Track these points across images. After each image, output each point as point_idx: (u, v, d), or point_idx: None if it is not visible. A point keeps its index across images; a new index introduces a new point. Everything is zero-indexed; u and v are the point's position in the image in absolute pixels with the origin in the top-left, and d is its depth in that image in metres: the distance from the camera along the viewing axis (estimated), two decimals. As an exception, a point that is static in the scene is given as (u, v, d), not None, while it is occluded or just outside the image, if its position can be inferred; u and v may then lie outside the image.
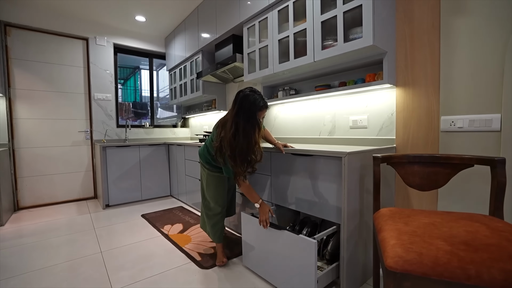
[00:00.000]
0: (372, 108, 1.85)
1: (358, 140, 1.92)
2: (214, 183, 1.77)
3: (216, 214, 1.82)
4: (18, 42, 3.14)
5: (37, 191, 3.30)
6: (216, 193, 1.78)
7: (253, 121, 1.45)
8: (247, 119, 1.44)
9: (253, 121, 1.45)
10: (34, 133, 3.26)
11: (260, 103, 1.47)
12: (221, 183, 1.79)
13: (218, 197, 1.79)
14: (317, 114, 2.23)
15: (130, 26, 3.74)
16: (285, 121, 2.53)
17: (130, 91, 7.09)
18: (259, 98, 1.48)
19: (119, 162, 3.28)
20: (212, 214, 1.82)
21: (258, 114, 1.49)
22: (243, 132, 1.44)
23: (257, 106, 1.46)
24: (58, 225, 2.59)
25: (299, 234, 1.38)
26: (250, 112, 1.45)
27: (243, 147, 1.44)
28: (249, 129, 1.44)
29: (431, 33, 1.54)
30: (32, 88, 3.23)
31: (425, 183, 1.36)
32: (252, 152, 1.49)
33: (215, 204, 1.79)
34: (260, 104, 1.47)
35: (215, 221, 1.82)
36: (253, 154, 1.50)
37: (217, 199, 1.79)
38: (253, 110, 1.45)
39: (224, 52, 2.81)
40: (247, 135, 1.45)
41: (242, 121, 1.44)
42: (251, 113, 1.45)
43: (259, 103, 1.47)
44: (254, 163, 1.54)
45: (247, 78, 2.44)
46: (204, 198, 1.86)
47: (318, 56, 1.76)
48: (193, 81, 3.41)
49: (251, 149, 1.48)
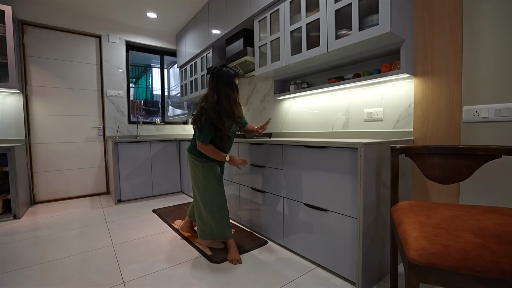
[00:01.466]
0: (388, 100, 1.78)
1: (374, 134, 1.85)
2: (211, 173, 1.78)
3: (221, 208, 1.78)
4: (34, 40, 3.22)
5: (52, 186, 3.37)
6: (215, 184, 1.78)
7: (232, 84, 1.70)
8: (226, 84, 1.68)
9: (231, 84, 1.70)
10: (49, 129, 3.34)
11: (232, 71, 1.73)
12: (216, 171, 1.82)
13: (219, 187, 1.80)
14: (330, 107, 2.17)
15: (141, 23, 3.77)
16: (297, 116, 2.48)
17: (141, 89, 7.18)
18: (230, 69, 1.75)
19: (131, 158, 3.31)
20: (216, 209, 1.77)
21: (234, 79, 1.73)
22: (225, 95, 1.68)
23: (232, 73, 1.72)
24: (72, 219, 2.63)
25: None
26: (228, 79, 1.69)
27: (226, 107, 1.67)
28: (229, 91, 1.69)
29: (452, 18, 1.46)
30: (47, 85, 3.30)
31: (446, 176, 1.29)
32: (235, 108, 1.73)
33: (216, 196, 1.78)
34: (233, 72, 1.74)
35: (221, 216, 1.78)
36: (236, 110, 1.74)
37: (219, 190, 1.79)
38: (230, 76, 1.70)
39: (235, 46, 2.78)
40: (228, 96, 1.69)
41: (223, 87, 1.68)
42: (229, 79, 1.70)
43: (232, 71, 1.73)
44: (237, 118, 1.76)
45: (258, 72, 2.40)
46: (202, 196, 1.79)
47: (332, 46, 1.70)
48: (203, 77, 3.40)
49: (234, 106, 1.72)
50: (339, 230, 1.47)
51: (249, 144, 2.16)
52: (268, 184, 1.98)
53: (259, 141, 2.00)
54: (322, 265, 1.61)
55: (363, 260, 1.35)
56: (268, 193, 1.99)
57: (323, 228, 1.56)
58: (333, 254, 1.52)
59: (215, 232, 1.78)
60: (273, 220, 1.96)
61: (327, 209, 1.53)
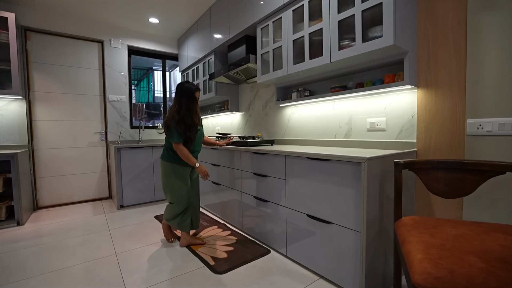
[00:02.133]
0: (391, 110, 1.78)
1: (376, 143, 1.85)
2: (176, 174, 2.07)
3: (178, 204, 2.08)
4: (37, 46, 3.23)
5: (55, 191, 3.38)
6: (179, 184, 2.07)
7: (193, 98, 2.00)
8: (187, 97, 1.98)
9: (192, 98, 2.00)
10: (51, 135, 3.35)
11: (193, 86, 2.02)
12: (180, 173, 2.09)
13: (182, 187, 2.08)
14: (332, 115, 2.17)
15: (143, 28, 3.78)
16: (299, 123, 2.48)
17: (143, 92, 7.21)
18: (192, 85, 2.03)
19: (133, 163, 3.32)
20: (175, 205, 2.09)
21: (196, 94, 2.02)
22: (186, 107, 1.97)
23: (193, 88, 2.01)
24: (75, 226, 2.64)
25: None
26: (189, 93, 1.99)
27: (186, 117, 1.96)
28: (190, 103, 1.99)
29: (456, 31, 1.46)
30: (49, 90, 3.32)
31: (450, 190, 1.29)
32: (194, 118, 2.00)
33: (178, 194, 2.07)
34: (194, 87, 2.02)
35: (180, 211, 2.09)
36: (196, 119, 2.02)
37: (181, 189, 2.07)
38: (191, 91, 2.00)
39: (237, 53, 2.79)
40: (189, 107, 1.98)
41: (185, 100, 1.98)
42: (190, 93, 1.99)
43: (193, 86, 2.02)
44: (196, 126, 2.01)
45: (260, 80, 2.41)
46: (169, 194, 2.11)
47: (335, 56, 1.70)
48: (205, 82, 3.41)
49: (193, 116, 1.99)
50: (342, 242, 1.47)
51: (252, 153, 2.16)
52: (271, 193, 1.98)
53: (262, 151, 2.00)
54: (325, 277, 1.61)
55: (366, 272, 1.35)
56: (270, 203, 2.00)
57: (326, 240, 1.56)
58: (336, 265, 1.52)
59: (187, 225, 2.11)
60: (276, 229, 1.97)
61: (331, 222, 1.53)
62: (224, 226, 2.52)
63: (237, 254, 1.93)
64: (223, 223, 2.61)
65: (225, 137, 2.80)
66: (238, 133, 3.38)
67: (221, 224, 2.57)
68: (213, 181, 2.81)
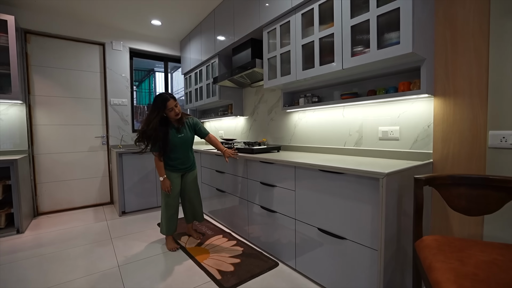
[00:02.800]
0: (405, 118, 1.71)
1: (389, 153, 1.78)
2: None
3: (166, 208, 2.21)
4: (37, 49, 3.16)
5: (55, 197, 3.32)
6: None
7: (155, 107, 1.99)
8: (153, 107, 2.01)
9: (155, 107, 2.00)
10: (52, 139, 3.28)
11: (165, 95, 2.02)
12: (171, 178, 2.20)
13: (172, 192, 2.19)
14: (342, 122, 2.10)
15: (145, 30, 3.71)
16: (306, 129, 2.40)
17: (144, 94, 7.13)
18: (166, 94, 2.04)
19: (135, 169, 3.26)
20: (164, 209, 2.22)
21: (168, 104, 2.00)
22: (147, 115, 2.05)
23: (163, 98, 2.00)
24: (76, 234, 2.57)
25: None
26: (156, 103, 2.00)
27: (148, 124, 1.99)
28: (150, 113, 2.02)
29: (478, 37, 1.38)
30: (50, 94, 3.25)
31: (473, 208, 1.22)
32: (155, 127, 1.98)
33: (165, 199, 2.20)
34: (165, 96, 2.02)
35: (167, 215, 2.20)
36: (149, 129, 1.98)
37: (169, 195, 2.19)
38: (161, 101, 2.00)
39: (242, 56, 2.71)
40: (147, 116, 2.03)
41: (151, 109, 2.02)
42: (156, 103, 2.00)
43: (165, 96, 2.02)
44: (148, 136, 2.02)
45: (267, 85, 2.33)
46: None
47: (347, 63, 1.63)
48: (209, 85, 3.34)
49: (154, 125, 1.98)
50: (357, 259, 1.40)
51: (260, 162, 2.09)
52: (279, 204, 1.92)
53: (270, 160, 1.93)
54: (337, 294, 1.54)
55: (383, 294, 1.28)
56: (278, 214, 1.93)
57: (339, 256, 1.49)
58: (349, 283, 1.45)
59: (164, 229, 2.22)
60: (284, 241, 1.90)
61: (344, 237, 1.46)
62: (229, 235, 2.45)
63: (245, 267, 1.86)
64: (228, 231, 2.54)
65: (230, 143, 2.73)
66: (242, 138, 3.31)
67: (226, 233, 2.51)
68: (217, 188, 2.74)
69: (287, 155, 2.13)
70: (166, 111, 2.01)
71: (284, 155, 2.14)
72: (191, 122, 2.23)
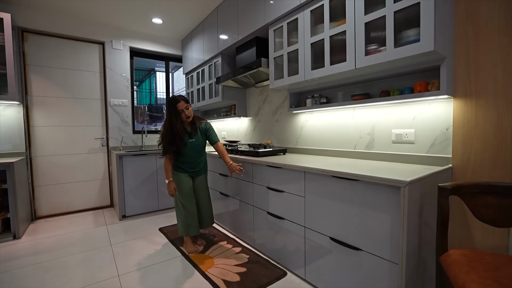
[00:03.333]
0: (421, 121, 1.61)
1: (403, 157, 1.68)
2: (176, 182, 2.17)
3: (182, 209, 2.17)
4: (34, 48, 3.07)
5: (54, 200, 3.23)
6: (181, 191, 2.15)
7: (171, 111, 2.02)
8: (168, 110, 2.06)
9: (170, 110, 2.03)
10: (50, 141, 3.19)
11: (176, 97, 2.04)
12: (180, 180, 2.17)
13: (183, 193, 2.15)
14: (352, 125, 2.00)
15: (146, 29, 3.62)
16: (313, 131, 2.31)
17: (145, 94, 7.04)
18: (177, 96, 2.05)
19: (136, 171, 3.17)
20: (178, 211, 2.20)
21: (178, 106, 2.02)
22: (166, 119, 2.07)
23: (174, 100, 2.03)
24: (74, 239, 2.48)
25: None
26: (170, 105, 2.03)
27: (166, 128, 2.05)
28: (169, 116, 2.04)
29: (504, 34, 1.29)
30: (48, 94, 3.16)
31: (501, 219, 1.13)
32: (175, 132, 2.02)
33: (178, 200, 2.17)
34: (175, 98, 2.04)
35: (183, 216, 2.16)
36: (174, 133, 2.03)
37: (181, 195, 2.15)
38: (171, 104, 2.03)
39: (247, 55, 2.62)
40: (167, 120, 2.05)
41: (167, 115, 2.07)
42: (170, 106, 2.03)
43: (175, 98, 2.03)
44: (178, 140, 2.04)
45: (273, 85, 2.24)
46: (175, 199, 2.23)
47: (361, 62, 1.54)
48: (211, 85, 3.24)
49: (170, 129, 2.03)
50: (375, 273, 1.30)
51: (267, 166, 2.00)
52: (287, 210, 1.82)
53: (277, 164, 1.84)
54: (351, 308, 1.45)
55: (403, 310, 1.19)
56: (287, 221, 1.83)
57: (354, 268, 1.40)
58: (365, 298, 1.36)
59: (182, 229, 2.17)
60: (292, 248, 1.81)
61: (359, 248, 1.36)
62: (234, 241, 2.36)
63: (251, 277, 1.77)
64: (233, 237, 2.45)
65: (234, 146, 2.64)
66: (246, 140, 3.22)
67: (231, 239, 2.42)
68: (221, 191, 2.65)
69: (295, 158, 2.04)
70: (178, 113, 2.03)
71: (291, 158, 2.04)
72: (204, 127, 2.20)
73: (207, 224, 2.29)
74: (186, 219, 2.14)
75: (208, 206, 2.32)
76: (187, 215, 2.14)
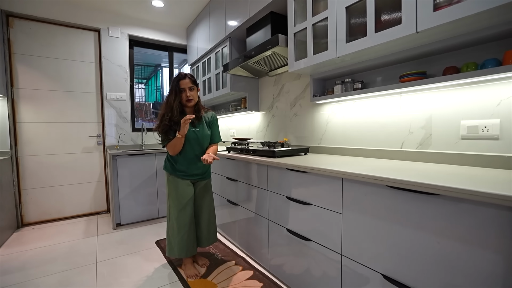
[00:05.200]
0: (510, 106, 1.13)
1: (479, 159, 1.20)
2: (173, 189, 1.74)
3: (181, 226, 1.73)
4: (21, 35, 2.74)
5: (43, 205, 2.89)
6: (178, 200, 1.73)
7: (171, 86, 1.70)
8: (170, 87, 1.72)
9: (171, 86, 1.71)
10: (39, 139, 2.86)
11: (181, 73, 1.70)
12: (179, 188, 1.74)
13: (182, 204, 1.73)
14: (398, 116, 1.53)
15: (146, 14, 3.24)
16: (343, 126, 1.85)
17: (152, 91, 6.71)
18: (185, 73, 1.71)
19: (133, 173, 2.78)
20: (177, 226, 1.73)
21: (180, 83, 1.67)
22: (166, 98, 1.72)
23: (178, 76, 1.70)
24: (57, 254, 2.11)
25: None
26: (172, 81, 1.71)
27: (163, 108, 1.70)
28: (168, 95, 1.71)
29: None
30: (37, 87, 2.82)
31: None
32: (168, 110, 1.67)
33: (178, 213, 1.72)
34: (181, 74, 1.70)
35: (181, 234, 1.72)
36: (170, 112, 1.67)
37: (181, 207, 1.72)
38: (174, 79, 1.70)
39: (259, 36, 2.19)
40: (166, 98, 1.71)
41: (169, 90, 1.72)
42: (172, 81, 1.71)
43: (181, 74, 1.70)
44: (170, 120, 1.67)
45: (293, 67, 1.79)
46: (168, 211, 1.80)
47: (427, 22, 1.07)
48: (218, 76, 2.83)
49: (167, 108, 1.67)
50: None
51: (287, 170, 1.55)
52: (316, 230, 1.37)
53: (302, 168, 1.39)
54: None
55: None
56: (314, 243, 1.38)
57: (422, 325, 0.94)
58: None
59: (175, 249, 1.73)
60: (322, 282, 1.35)
61: (434, 298, 0.90)
62: (243, 261, 1.92)
63: (266, 318, 1.33)
64: (243, 255, 2.01)
65: (244, 144, 2.21)
66: (258, 138, 2.78)
67: (240, 258, 1.98)
68: (229, 199, 2.22)
69: (321, 159, 1.59)
70: (178, 92, 1.69)
71: (317, 159, 1.59)
72: (210, 118, 1.83)
73: (207, 243, 1.86)
74: (181, 238, 1.71)
75: (211, 221, 1.89)
76: (182, 232, 1.71)
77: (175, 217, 1.71)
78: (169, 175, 1.76)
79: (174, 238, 1.72)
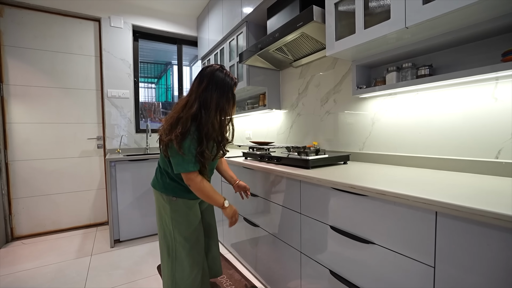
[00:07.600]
0: None
1: None
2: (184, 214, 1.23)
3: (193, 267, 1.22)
4: (12, 25, 2.44)
5: (37, 216, 2.58)
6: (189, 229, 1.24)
7: (228, 95, 1.18)
8: (221, 93, 1.16)
9: (227, 94, 1.18)
10: (33, 142, 2.54)
11: (232, 79, 1.21)
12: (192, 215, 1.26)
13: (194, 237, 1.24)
14: (489, 113, 1.07)
15: (152, 2, 2.89)
16: (396, 127, 1.40)
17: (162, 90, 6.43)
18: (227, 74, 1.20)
19: (134, 181, 2.43)
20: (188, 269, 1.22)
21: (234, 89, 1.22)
22: (216, 107, 1.14)
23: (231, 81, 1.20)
24: (40, 281, 1.76)
25: None
26: (225, 86, 1.18)
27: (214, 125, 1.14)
28: (223, 104, 1.17)
29: None
30: (30, 83, 2.52)
31: None
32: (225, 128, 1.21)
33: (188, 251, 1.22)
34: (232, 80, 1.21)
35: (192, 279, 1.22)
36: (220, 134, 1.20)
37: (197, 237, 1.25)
38: (228, 84, 1.19)
39: (284, 15, 1.77)
40: (221, 110, 1.16)
41: (216, 95, 1.15)
42: (226, 87, 1.18)
43: (231, 80, 1.21)
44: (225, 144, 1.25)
45: (332, 49, 1.36)
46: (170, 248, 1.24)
47: None
48: (232, 68, 2.43)
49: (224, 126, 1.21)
50: None
51: (332, 190, 1.11)
52: (382, 281, 0.93)
53: (357, 188, 0.95)
54: None
55: None
56: (376, 299, 0.94)
57: None
58: None
59: None
60: None
61: None
62: (265, 300, 1.50)
63: None
64: (263, 291, 1.59)
65: (265, 150, 1.78)
66: (279, 141, 2.35)
67: (260, 294, 1.56)
68: (247, 218, 1.81)
69: (371, 172, 1.14)
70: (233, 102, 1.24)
71: (366, 172, 1.15)
72: None
73: (215, 274, 1.44)
74: (194, 278, 1.22)
75: (217, 247, 1.48)
76: (196, 270, 1.23)
77: (186, 253, 1.21)
78: (175, 199, 1.23)
79: (184, 281, 1.22)
